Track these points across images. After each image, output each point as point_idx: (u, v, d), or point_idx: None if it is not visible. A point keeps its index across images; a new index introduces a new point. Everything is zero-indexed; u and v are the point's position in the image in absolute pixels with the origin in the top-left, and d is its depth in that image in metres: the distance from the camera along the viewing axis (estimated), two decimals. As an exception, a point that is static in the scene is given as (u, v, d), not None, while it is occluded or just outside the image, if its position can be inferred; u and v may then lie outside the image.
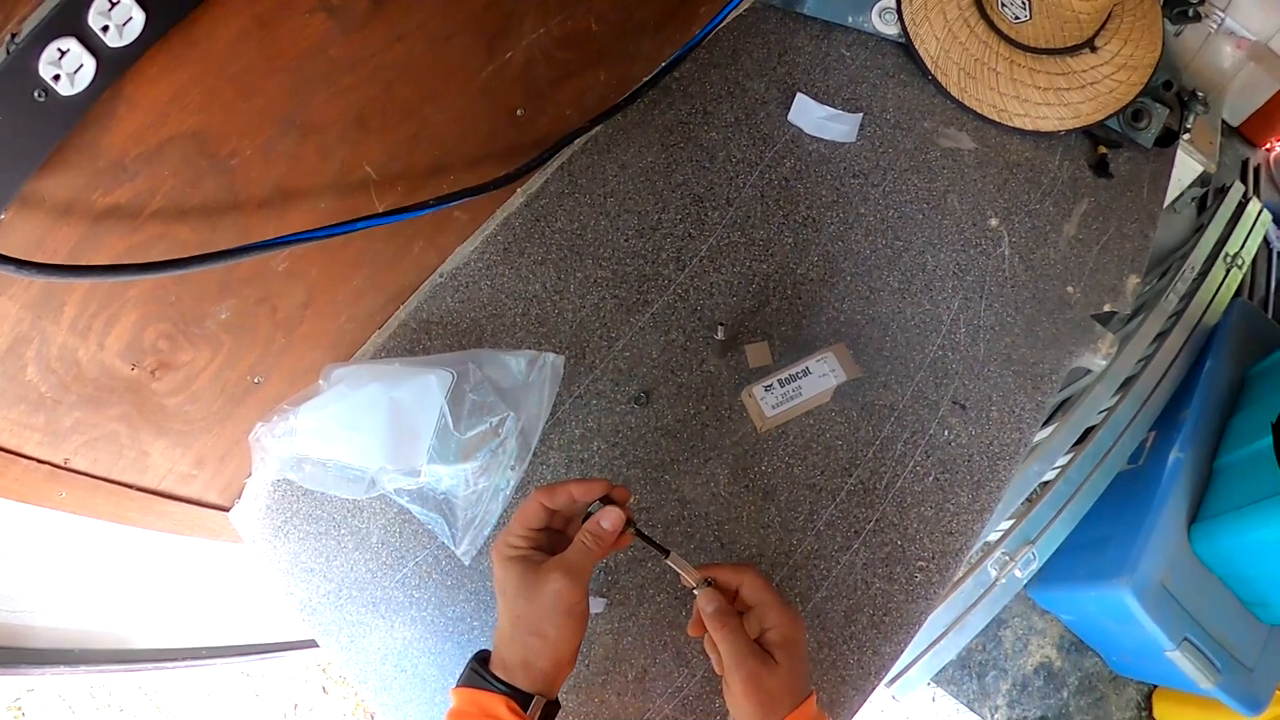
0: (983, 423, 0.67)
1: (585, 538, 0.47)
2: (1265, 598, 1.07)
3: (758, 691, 0.45)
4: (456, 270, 0.69)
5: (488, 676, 0.45)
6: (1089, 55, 0.76)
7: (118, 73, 0.39)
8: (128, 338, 0.50)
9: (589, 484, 0.49)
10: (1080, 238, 0.75)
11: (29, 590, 0.70)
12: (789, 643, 0.46)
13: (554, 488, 0.48)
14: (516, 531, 0.48)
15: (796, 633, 0.47)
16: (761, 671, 0.45)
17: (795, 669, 0.46)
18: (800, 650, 0.47)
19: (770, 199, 0.73)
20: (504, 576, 0.46)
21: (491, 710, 0.44)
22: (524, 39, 0.61)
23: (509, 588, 0.46)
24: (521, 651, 0.45)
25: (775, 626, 0.46)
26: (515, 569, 0.46)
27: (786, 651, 0.46)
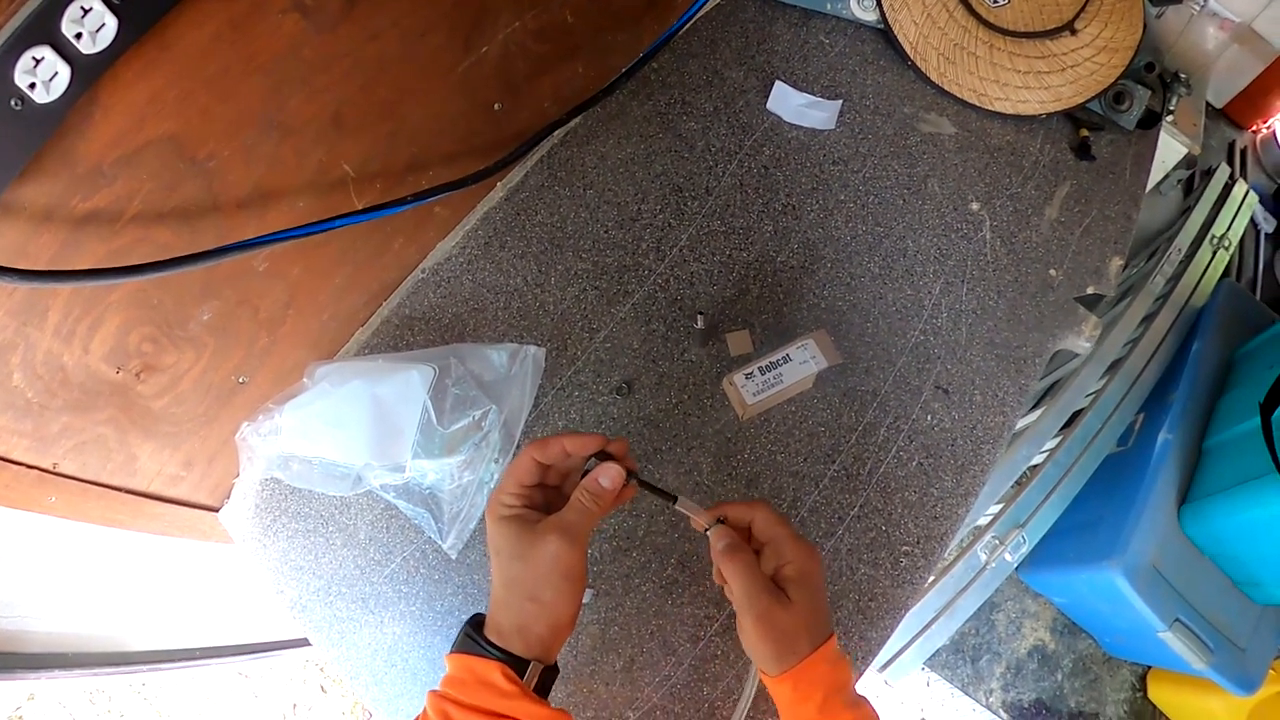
0: (966, 407, 0.68)
1: (583, 496, 0.44)
2: (1256, 577, 1.08)
3: (771, 631, 0.42)
4: (438, 266, 0.69)
5: (481, 642, 0.42)
6: (1069, 38, 0.76)
7: (92, 79, 0.39)
8: (112, 342, 0.51)
9: (583, 438, 0.45)
10: (1062, 220, 0.75)
11: (24, 595, 0.70)
12: (805, 578, 0.43)
13: (546, 441, 0.45)
14: (509, 489, 0.45)
15: (813, 568, 0.44)
16: (775, 609, 0.42)
17: (813, 607, 0.43)
18: (818, 587, 0.44)
19: (750, 187, 0.73)
20: (497, 537, 0.44)
21: (486, 677, 0.41)
22: (499, 33, 0.61)
23: (503, 549, 0.43)
24: (517, 616, 0.42)
25: (791, 561, 0.44)
26: (509, 529, 0.43)
27: (802, 588, 0.43)
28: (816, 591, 0.44)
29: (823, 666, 0.43)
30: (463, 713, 0.40)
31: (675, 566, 0.61)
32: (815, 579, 0.44)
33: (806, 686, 0.43)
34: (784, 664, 0.43)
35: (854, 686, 0.45)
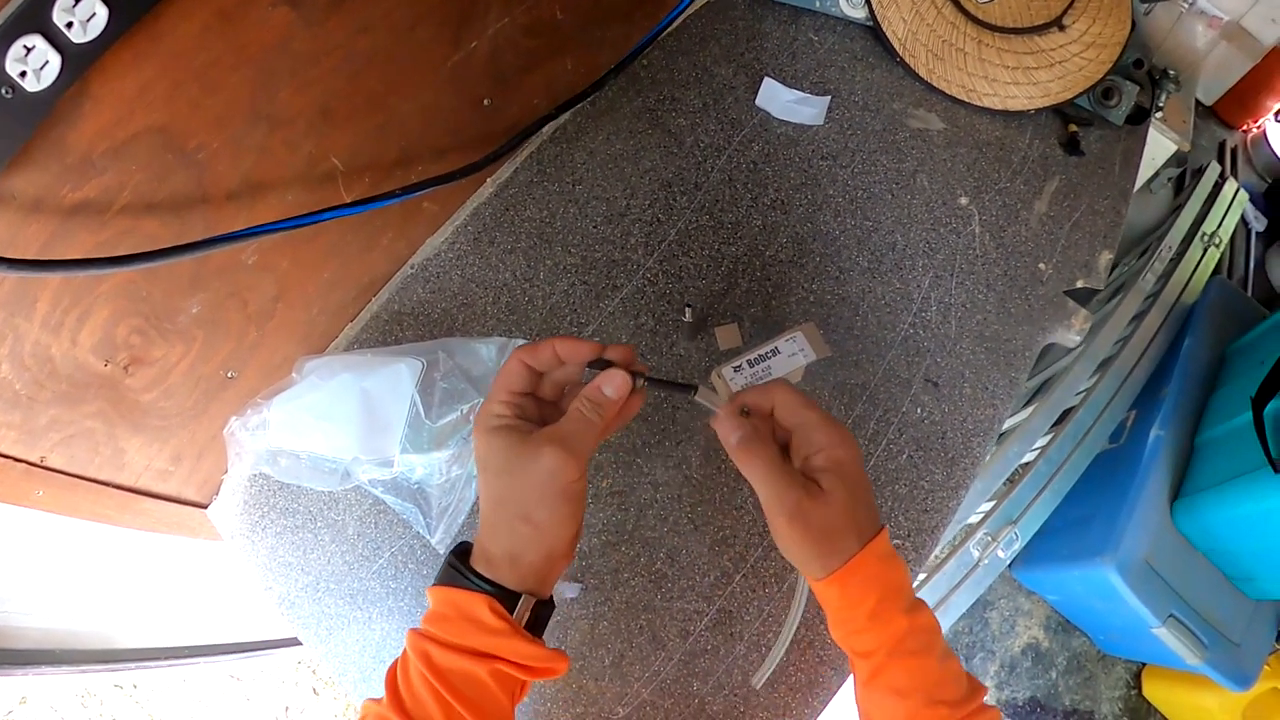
0: (956, 400, 0.68)
1: (583, 405, 0.39)
2: (1249, 572, 1.08)
3: (807, 530, 0.37)
4: (427, 261, 0.69)
5: (467, 573, 0.38)
6: (1057, 34, 0.77)
7: (83, 69, 0.39)
8: (100, 334, 0.51)
9: (575, 343, 0.40)
10: (1052, 215, 0.76)
11: (12, 591, 0.70)
12: (839, 466, 0.38)
13: (536, 345, 0.40)
14: (498, 397, 0.40)
15: (848, 453, 0.38)
16: (807, 504, 0.37)
17: (853, 497, 0.38)
18: (856, 475, 0.38)
19: (739, 182, 0.73)
20: (486, 451, 0.39)
21: (471, 612, 0.37)
22: (489, 28, 0.61)
23: (491, 463, 0.38)
24: (507, 541, 0.38)
25: (821, 448, 0.38)
26: (499, 441, 0.38)
27: (838, 477, 0.37)
28: (855, 480, 0.38)
29: (874, 564, 0.38)
30: (445, 653, 0.36)
31: (664, 561, 0.61)
32: (852, 466, 0.38)
33: (858, 588, 0.38)
34: (829, 564, 0.38)
35: (910, 587, 0.40)
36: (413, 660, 0.37)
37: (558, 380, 0.42)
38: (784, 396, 0.40)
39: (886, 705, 0.39)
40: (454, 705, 0.36)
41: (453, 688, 0.36)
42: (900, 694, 0.38)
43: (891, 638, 0.38)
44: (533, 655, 0.37)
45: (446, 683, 0.36)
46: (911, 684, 0.38)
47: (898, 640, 0.38)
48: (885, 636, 0.38)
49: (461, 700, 0.36)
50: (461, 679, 0.36)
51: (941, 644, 0.40)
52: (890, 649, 0.38)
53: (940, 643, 0.40)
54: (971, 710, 0.38)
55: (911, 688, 0.38)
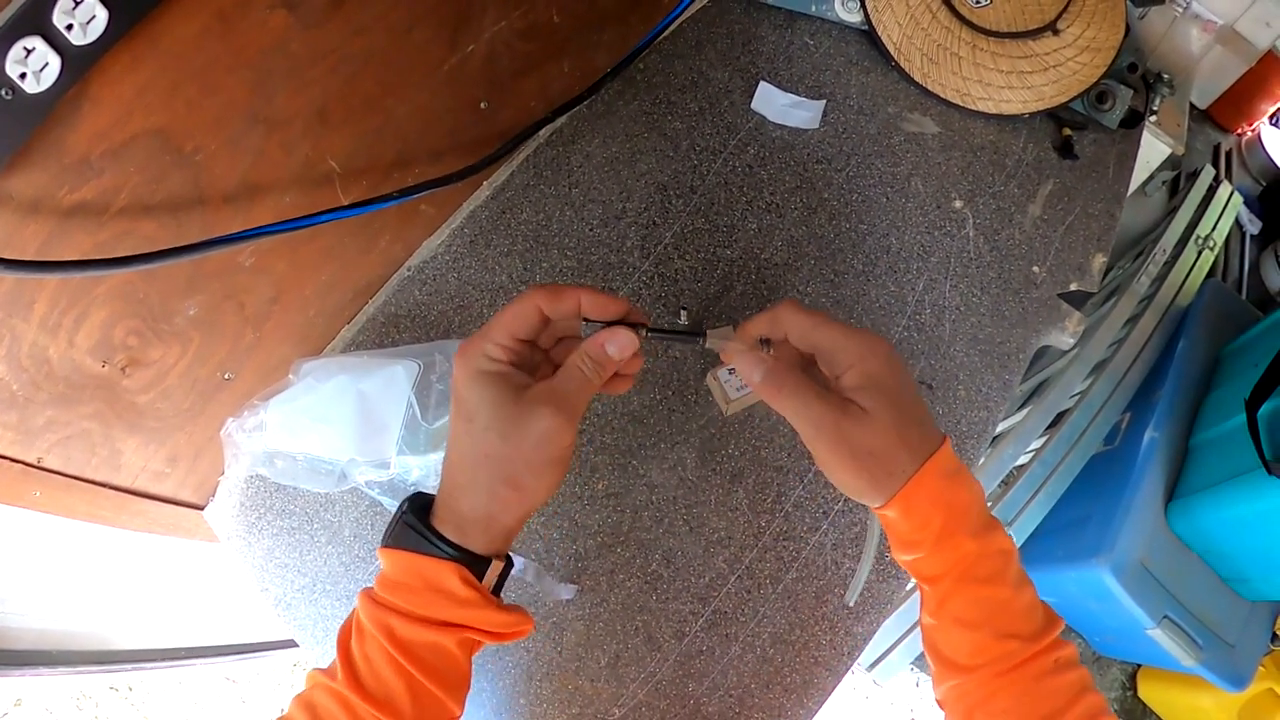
0: (950, 402, 0.68)
1: (584, 363, 0.35)
2: (1244, 574, 1.08)
3: (854, 455, 0.34)
4: (424, 264, 0.70)
5: (432, 538, 0.34)
6: (1051, 38, 0.78)
7: (82, 71, 0.39)
8: (97, 335, 0.51)
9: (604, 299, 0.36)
10: (1045, 218, 0.76)
11: (8, 591, 0.70)
12: (873, 379, 0.34)
13: (559, 290, 0.36)
14: (497, 338, 0.35)
15: (882, 364, 0.34)
16: (846, 426, 0.33)
17: (898, 411, 0.34)
18: (896, 386, 0.34)
19: (734, 186, 0.74)
20: (474, 398, 0.34)
21: (439, 583, 0.34)
22: (485, 31, 0.61)
23: (478, 414, 0.34)
24: (485, 503, 0.34)
25: (850, 365, 0.35)
26: (492, 390, 0.34)
27: (875, 393, 0.34)
28: (897, 392, 0.34)
29: (936, 482, 0.34)
30: (410, 626, 0.34)
31: (660, 562, 0.62)
32: (890, 378, 0.34)
33: (921, 510, 0.34)
34: (886, 488, 0.34)
35: (983, 507, 0.36)
36: (371, 632, 0.34)
37: (557, 330, 0.39)
38: (794, 320, 0.36)
39: (954, 637, 0.37)
40: (418, 677, 0.34)
41: (418, 660, 0.34)
42: (968, 625, 0.36)
43: (960, 563, 0.35)
44: (504, 622, 0.35)
45: (411, 655, 0.34)
46: (980, 615, 0.35)
47: (967, 566, 0.35)
48: (953, 561, 0.35)
49: (427, 671, 0.34)
50: (427, 650, 0.34)
51: (1015, 569, 0.36)
52: (959, 575, 0.35)
53: (1014, 567, 0.36)
54: (1045, 645, 0.35)
55: (980, 619, 0.35)
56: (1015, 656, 0.35)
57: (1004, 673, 0.35)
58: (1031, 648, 0.35)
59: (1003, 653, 0.35)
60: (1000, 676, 0.35)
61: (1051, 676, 0.35)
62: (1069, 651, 0.37)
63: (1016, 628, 0.35)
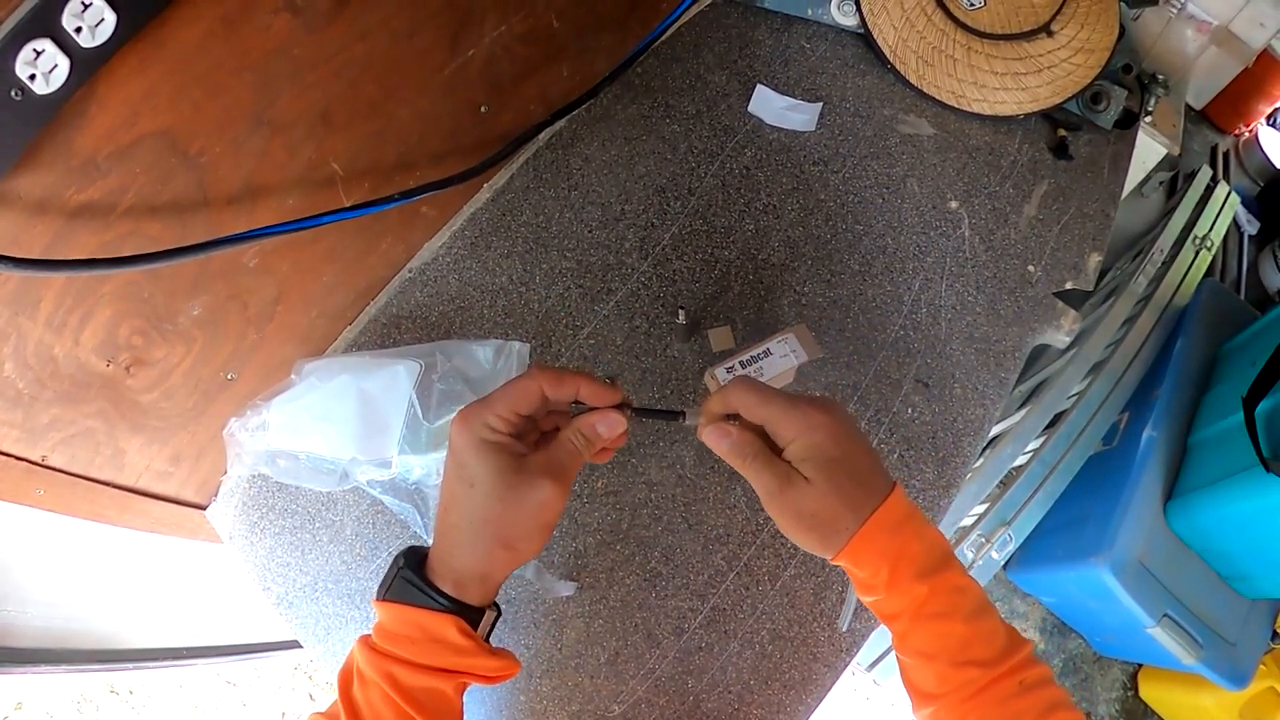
0: (946, 400, 0.68)
1: (576, 438, 0.39)
2: (1243, 572, 1.09)
3: (799, 519, 0.37)
4: (425, 265, 0.70)
5: (430, 592, 0.37)
6: (1045, 40, 0.78)
7: (90, 72, 0.40)
8: (102, 334, 0.51)
9: (602, 389, 0.40)
10: (1041, 218, 0.77)
11: (9, 589, 0.70)
12: (816, 450, 0.37)
13: (561, 376, 0.39)
14: (501, 412, 0.38)
15: (820, 435, 0.37)
16: (791, 494, 0.37)
17: (837, 480, 0.37)
18: (836, 455, 0.37)
19: (731, 188, 0.74)
20: (477, 465, 0.37)
21: (440, 634, 0.37)
22: (486, 36, 0.62)
23: (482, 481, 0.37)
24: (482, 562, 0.37)
25: (792, 439, 0.38)
26: (495, 461, 0.37)
27: (815, 464, 0.37)
28: (837, 461, 0.37)
29: (880, 537, 0.37)
30: (412, 674, 0.37)
31: (659, 559, 0.62)
32: (830, 447, 0.37)
33: (868, 562, 0.38)
34: (832, 546, 0.38)
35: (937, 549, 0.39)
36: (372, 679, 0.37)
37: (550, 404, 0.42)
38: (740, 398, 0.39)
39: (919, 668, 0.40)
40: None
41: (418, 704, 0.37)
42: (928, 657, 0.39)
43: (912, 604, 0.38)
44: (496, 667, 0.39)
45: (412, 700, 0.37)
46: (935, 647, 0.38)
47: (919, 606, 0.38)
48: (906, 603, 0.38)
49: (426, 714, 0.37)
50: (426, 695, 0.37)
51: (971, 603, 0.39)
52: (912, 615, 0.38)
53: (969, 602, 0.39)
54: (1007, 669, 0.38)
55: (937, 651, 0.38)
56: (977, 683, 0.38)
57: (968, 698, 0.38)
58: (992, 673, 0.38)
59: (964, 680, 0.38)
60: (966, 702, 0.38)
61: (1016, 699, 0.37)
62: (1036, 672, 0.39)
63: (974, 656, 0.38)
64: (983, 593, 0.40)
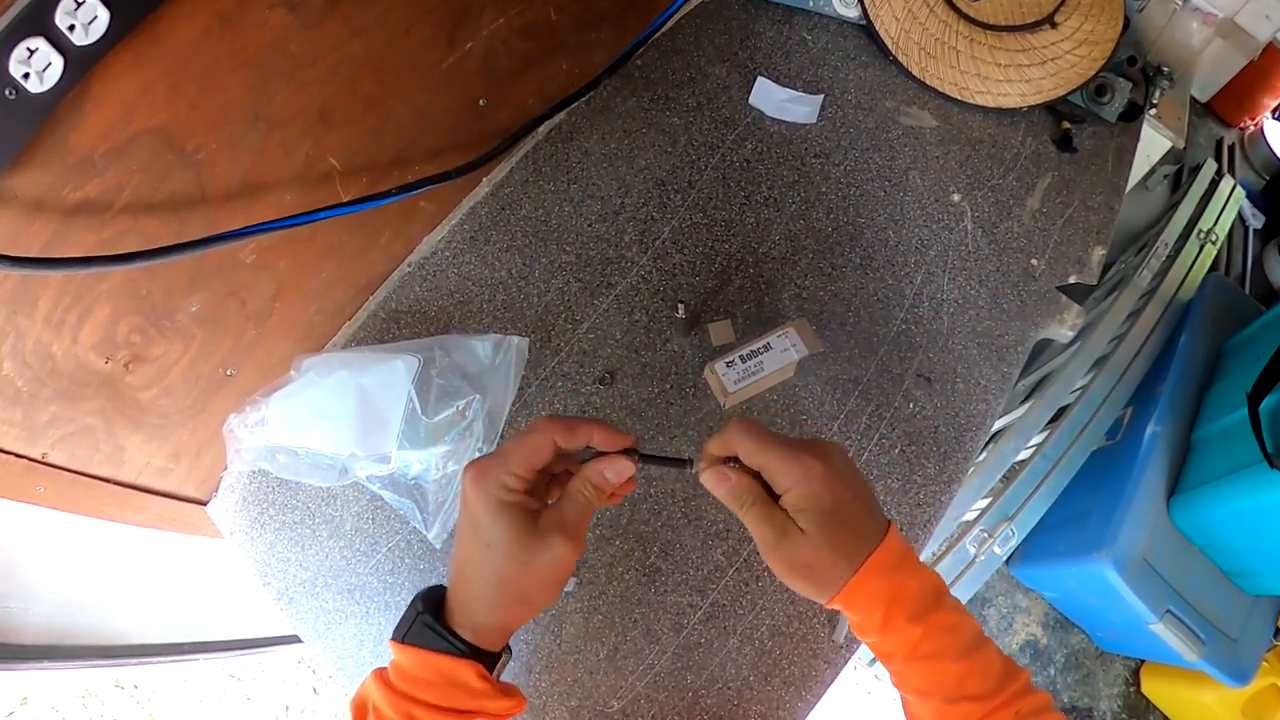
0: (948, 394, 0.68)
1: (585, 489, 0.39)
2: (1246, 568, 1.08)
3: (792, 569, 0.38)
4: (424, 260, 0.70)
5: (450, 638, 0.39)
6: (1049, 31, 0.78)
7: (84, 71, 0.40)
8: (101, 331, 0.51)
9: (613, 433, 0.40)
10: (1044, 211, 0.76)
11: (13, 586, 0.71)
12: (811, 501, 0.38)
13: (573, 425, 0.39)
14: (516, 469, 0.38)
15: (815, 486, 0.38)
16: (786, 545, 0.38)
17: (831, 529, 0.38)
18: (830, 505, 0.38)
19: (732, 180, 0.74)
20: (493, 527, 0.38)
21: (461, 680, 0.38)
22: (483, 30, 0.62)
23: (499, 544, 0.38)
24: (501, 616, 0.39)
25: (788, 488, 0.38)
26: (511, 521, 0.38)
27: (810, 515, 0.38)
28: (831, 512, 0.38)
29: (874, 582, 0.38)
30: (430, 714, 0.38)
31: (658, 554, 0.62)
32: (825, 498, 0.38)
33: (862, 607, 0.39)
34: (826, 593, 0.39)
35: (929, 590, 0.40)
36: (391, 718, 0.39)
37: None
38: (739, 442, 0.39)
39: (917, 704, 0.41)
40: None
41: None
42: (924, 694, 0.40)
43: (905, 645, 0.39)
44: (509, 707, 0.40)
45: None
46: (930, 685, 0.40)
47: (913, 646, 0.39)
48: (899, 643, 0.39)
49: None
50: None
51: (964, 640, 0.40)
52: (906, 655, 0.39)
53: (962, 639, 0.40)
54: (1002, 701, 0.39)
55: (931, 688, 0.40)
56: (972, 716, 0.39)
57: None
58: (986, 705, 0.39)
59: (960, 715, 0.39)
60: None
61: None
62: (1032, 701, 0.40)
63: (968, 691, 0.39)
64: (976, 627, 0.41)
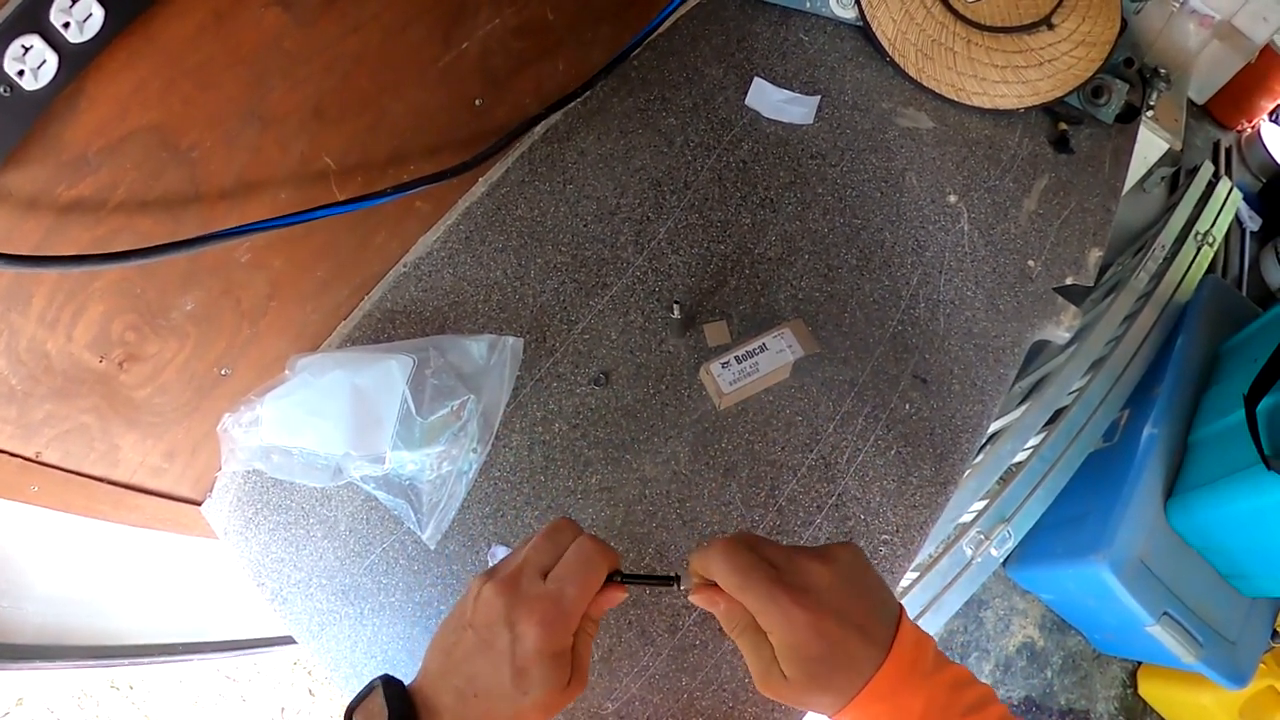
0: (944, 396, 0.68)
1: (589, 626, 0.40)
2: (1243, 570, 1.08)
3: (786, 702, 0.38)
4: (420, 260, 0.70)
5: None
6: (1046, 32, 0.78)
7: (79, 68, 0.40)
8: (95, 330, 0.51)
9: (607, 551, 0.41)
10: (1041, 213, 0.76)
11: (6, 585, 0.70)
12: (792, 652, 0.37)
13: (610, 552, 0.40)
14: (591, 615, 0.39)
15: (798, 635, 0.36)
16: (772, 685, 0.38)
17: (816, 675, 0.37)
18: (814, 652, 0.36)
19: (728, 181, 0.74)
20: (545, 677, 0.37)
21: None
22: (480, 29, 0.62)
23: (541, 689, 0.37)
24: None
25: (770, 631, 0.37)
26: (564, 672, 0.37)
27: (792, 663, 0.37)
28: (818, 659, 0.36)
29: (874, 708, 0.37)
30: None
31: (653, 556, 0.62)
32: (808, 648, 0.36)
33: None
34: (824, 714, 0.39)
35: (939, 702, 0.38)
36: None
37: None
38: (721, 575, 0.38)
39: None
40: None
41: None
42: None
43: None
44: None
45: None
46: None
47: None
48: None
49: None
50: None
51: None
52: None
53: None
54: None
55: None
56: None
57: None
58: None
59: None
60: None
61: None
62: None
63: None
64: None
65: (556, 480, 0.63)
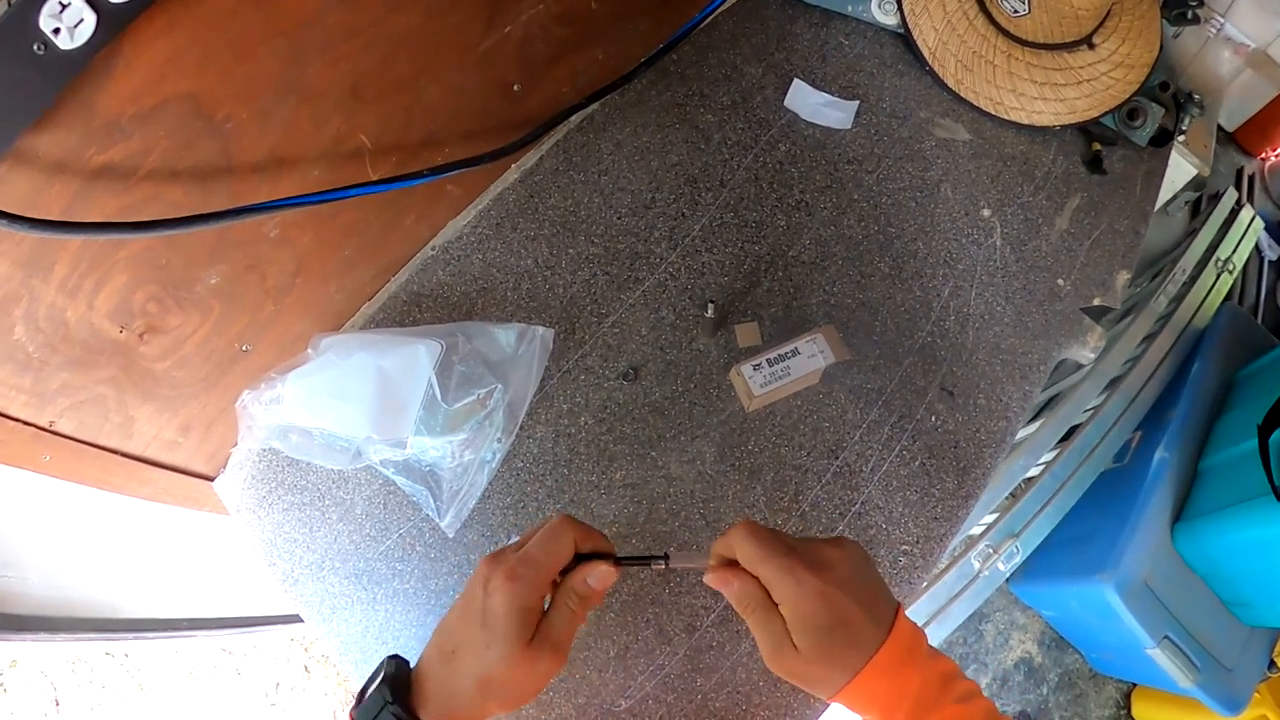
0: (970, 410, 0.68)
1: (570, 600, 0.41)
2: (1246, 598, 1.08)
3: (791, 678, 0.40)
4: (449, 244, 0.69)
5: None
6: (1087, 52, 0.77)
7: (117, 29, 0.39)
8: (117, 299, 0.50)
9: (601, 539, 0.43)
10: (1072, 232, 0.76)
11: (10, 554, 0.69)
12: (803, 622, 0.39)
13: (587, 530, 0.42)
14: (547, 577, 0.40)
15: (811, 606, 0.38)
16: (781, 659, 0.39)
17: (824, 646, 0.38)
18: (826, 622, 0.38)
19: (764, 182, 0.73)
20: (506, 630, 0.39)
21: None
22: (522, 14, 0.61)
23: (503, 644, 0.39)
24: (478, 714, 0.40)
25: (784, 603, 0.39)
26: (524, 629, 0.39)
27: (804, 633, 0.39)
28: (827, 629, 0.38)
29: (872, 684, 0.39)
30: None
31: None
32: (818, 617, 0.39)
33: (861, 707, 0.40)
34: (825, 693, 0.40)
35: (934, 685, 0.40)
36: None
37: None
38: (742, 549, 0.40)
39: None
40: None
41: None
42: None
43: None
44: None
45: None
46: None
47: None
48: None
49: None
50: None
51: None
52: None
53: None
54: None
55: None
56: None
57: None
58: None
59: None
60: None
61: None
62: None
63: None
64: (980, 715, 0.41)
65: (580, 474, 0.63)
